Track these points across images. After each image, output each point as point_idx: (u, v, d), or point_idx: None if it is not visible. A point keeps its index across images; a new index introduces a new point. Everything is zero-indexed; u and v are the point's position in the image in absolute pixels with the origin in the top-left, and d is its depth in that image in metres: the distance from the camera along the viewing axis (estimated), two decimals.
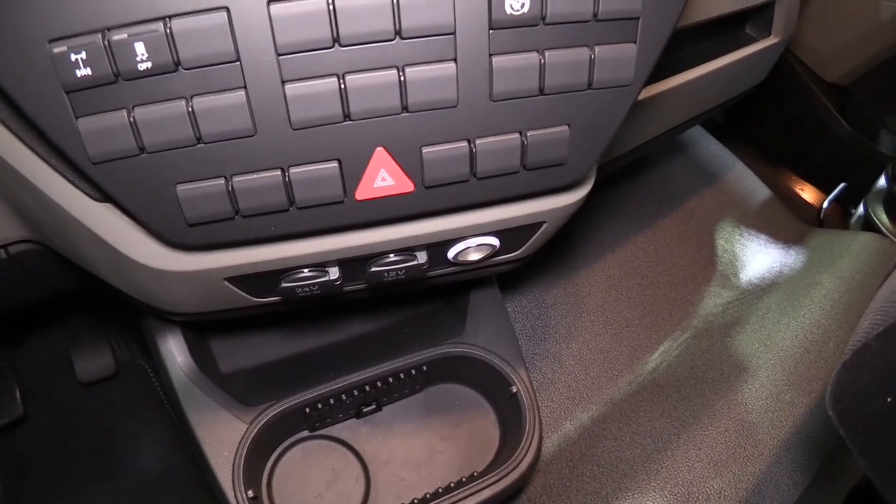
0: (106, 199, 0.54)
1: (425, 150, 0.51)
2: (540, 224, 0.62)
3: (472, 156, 0.52)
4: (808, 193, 1.47)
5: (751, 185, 1.26)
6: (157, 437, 1.02)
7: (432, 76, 0.47)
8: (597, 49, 0.50)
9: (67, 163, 0.51)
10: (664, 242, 1.09)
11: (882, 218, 1.15)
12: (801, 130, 1.47)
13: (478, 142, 0.51)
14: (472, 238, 0.61)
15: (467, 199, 0.55)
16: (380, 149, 0.50)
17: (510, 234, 0.62)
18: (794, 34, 0.96)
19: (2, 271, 0.69)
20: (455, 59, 0.48)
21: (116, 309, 1.06)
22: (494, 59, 0.48)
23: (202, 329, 0.87)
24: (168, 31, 0.43)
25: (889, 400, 0.45)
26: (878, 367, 0.45)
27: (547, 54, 0.49)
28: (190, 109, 0.46)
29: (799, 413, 0.85)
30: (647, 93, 0.78)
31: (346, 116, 0.48)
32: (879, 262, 0.99)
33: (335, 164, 0.50)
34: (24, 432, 1.05)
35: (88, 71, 0.44)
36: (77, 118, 0.46)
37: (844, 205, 1.37)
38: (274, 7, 0.43)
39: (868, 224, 1.18)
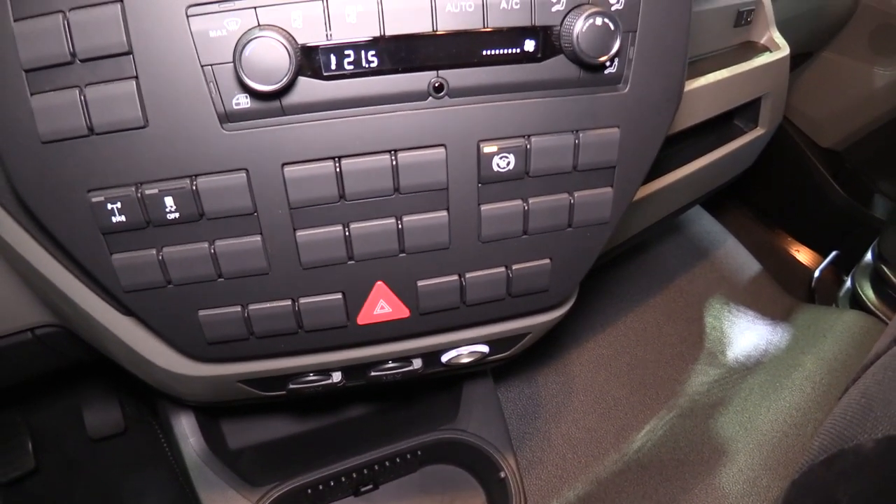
0: (133, 314, 0.60)
1: (420, 283, 0.57)
2: (526, 334, 0.68)
3: (463, 287, 0.58)
4: (803, 255, 1.52)
5: (742, 260, 1.31)
6: (163, 494, 1.07)
7: (427, 224, 0.53)
8: (576, 194, 0.56)
9: (102, 289, 0.57)
10: (654, 320, 1.14)
11: (868, 294, 1.19)
12: (795, 194, 1.53)
13: (467, 275, 0.57)
14: (464, 347, 0.66)
15: (458, 321, 0.61)
16: (379, 283, 0.56)
17: (499, 342, 0.68)
18: (788, 103, 1.02)
19: (27, 349, 0.75)
20: (447, 209, 0.54)
21: (128, 372, 1.12)
22: (483, 207, 0.54)
23: (213, 409, 0.92)
24: (194, 187, 0.49)
25: None
26: (820, 493, 0.49)
27: (531, 201, 0.55)
28: (212, 251, 0.52)
29: (774, 497, 0.89)
30: (640, 193, 0.84)
31: (350, 258, 0.54)
32: (862, 341, 1.03)
33: (339, 295, 0.56)
34: (35, 484, 1.10)
35: (123, 218, 0.50)
36: (112, 255, 0.52)
37: (838, 270, 1.41)
38: (288, 169, 0.50)
39: (855, 298, 1.22)
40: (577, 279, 0.62)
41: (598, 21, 0.48)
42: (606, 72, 0.52)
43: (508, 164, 0.53)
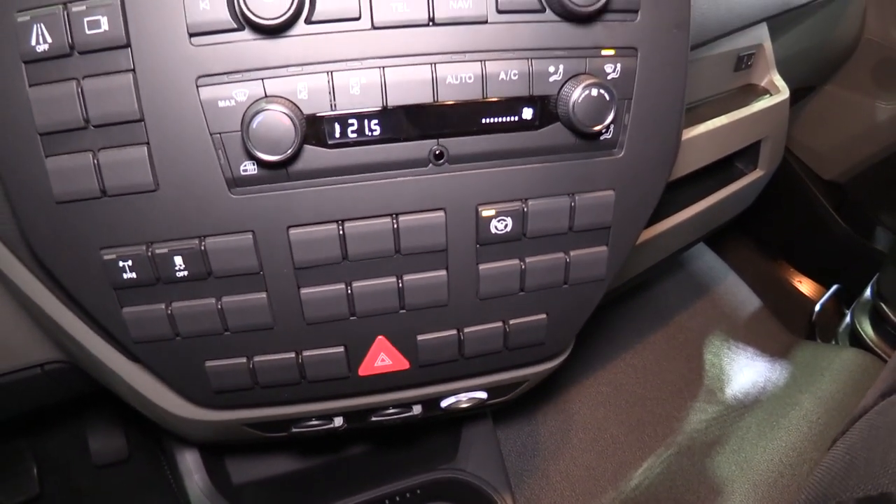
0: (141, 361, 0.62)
1: (420, 337, 0.58)
2: (523, 382, 0.69)
3: (461, 341, 0.59)
4: (805, 286, 1.53)
5: (742, 296, 1.33)
6: None
7: (427, 283, 0.55)
8: (572, 253, 0.57)
9: (112, 340, 0.59)
10: (654, 358, 1.15)
11: (867, 330, 1.20)
12: (798, 225, 1.53)
13: (466, 330, 0.59)
14: (463, 394, 0.68)
15: (456, 372, 0.62)
16: (380, 337, 0.58)
17: (497, 389, 0.69)
18: (790, 135, 1.03)
19: (36, 383, 0.77)
20: (447, 268, 0.55)
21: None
22: (481, 266, 0.56)
23: (217, 446, 0.94)
24: (203, 247, 0.51)
25: None
26: None
27: (527, 260, 0.57)
28: (219, 307, 0.54)
29: None
30: (640, 238, 0.85)
31: (352, 314, 0.55)
32: (860, 380, 1.04)
33: (341, 349, 0.57)
34: None
35: (133, 275, 0.52)
36: (122, 308, 0.54)
37: (839, 304, 1.42)
38: (293, 232, 0.51)
39: (854, 335, 1.23)
40: (573, 332, 0.63)
41: (594, 92, 0.50)
42: (602, 138, 0.54)
43: (506, 226, 0.54)
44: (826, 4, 1.12)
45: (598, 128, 0.50)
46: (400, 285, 0.55)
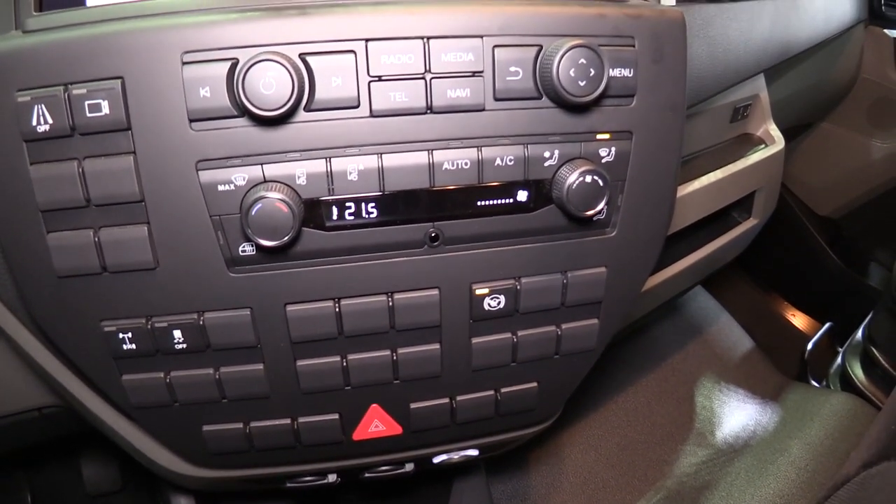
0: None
1: (413, 405, 0.59)
2: (514, 440, 0.70)
3: (453, 409, 0.60)
4: (798, 320, 1.54)
5: (735, 337, 1.34)
6: None
7: (420, 356, 0.56)
8: (563, 326, 0.58)
9: (112, 405, 0.60)
10: (645, 400, 1.16)
11: (858, 374, 1.21)
12: (792, 260, 1.54)
13: (458, 398, 0.60)
14: (454, 452, 0.69)
15: (448, 436, 0.63)
16: (374, 405, 0.59)
17: (487, 447, 0.70)
18: (786, 171, 1.04)
19: (33, 424, 0.78)
20: (440, 342, 0.56)
21: None
22: (474, 340, 0.57)
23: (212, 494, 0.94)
24: (201, 322, 0.52)
25: None
26: None
27: (520, 334, 0.57)
28: (217, 377, 0.55)
29: None
30: None
31: (347, 384, 0.56)
32: (849, 426, 1.05)
33: (336, 416, 0.58)
34: None
35: (133, 346, 0.53)
36: (122, 375, 0.55)
37: (832, 341, 1.42)
38: (290, 308, 0.52)
39: (845, 377, 1.24)
40: (563, 398, 0.64)
41: (589, 178, 0.50)
42: (595, 218, 0.55)
43: (499, 303, 0.55)
44: (823, 46, 1.13)
45: (591, 213, 0.51)
46: (394, 358, 0.56)
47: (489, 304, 0.55)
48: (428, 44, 0.47)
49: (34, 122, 0.46)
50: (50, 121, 0.46)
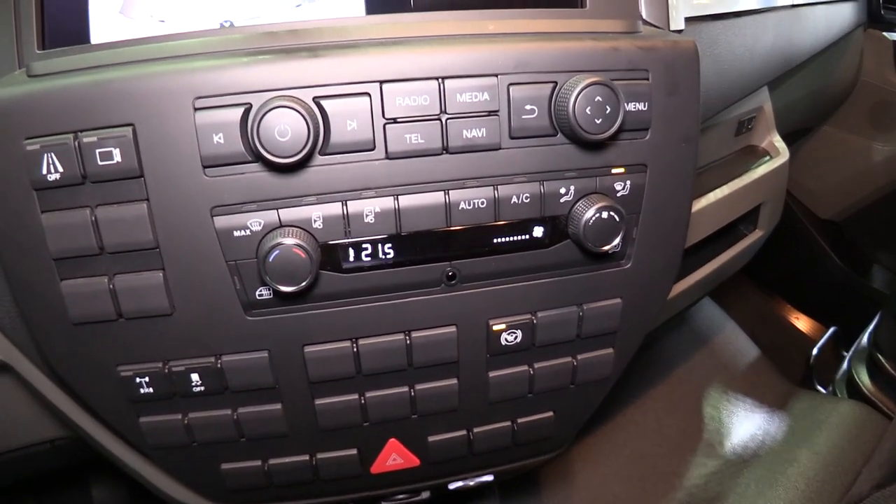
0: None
1: (430, 438, 0.59)
2: (529, 466, 0.70)
3: (471, 441, 0.60)
4: (803, 323, 1.54)
5: (740, 345, 1.34)
6: None
7: (438, 392, 0.56)
8: (579, 357, 0.58)
9: (129, 445, 0.60)
10: (654, 413, 1.17)
11: (864, 380, 1.21)
12: (795, 264, 1.54)
13: (475, 430, 0.60)
14: (470, 479, 0.69)
15: (465, 466, 0.63)
16: (392, 440, 0.59)
17: (502, 473, 0.70)
18: (788, 175, 1.04)
19: (46, 455, 0.77)
20: (457, 377, 0.56)
21: None
22: (491, 374, 0.57)
23: None
24: (219, 365, 0.52)
25: None
26: None
27: (536, 366, 0.57)
28: (235, 418, 0.54)
29: None
30: None
31: (365, 421, 0.56)
32: (858, 434, 1.06)
33: (354, 451, 0.58)
34: None
35: (151, 390, 0.53)
36: (140, 418, 0.54)
37: (837, 345, 1.43)
38: (308, 350, 0.52)
39: (851, 383, 1.25)
40: (577, 427, 0.64)
41: (605, 214, 0.50)
42: (610, 252, 0.54)
43: (516, 338, 0.55)
44: (823, 52, 1.13)
45: (607, 248, 0.51)
46: (412, 394, 0.56)
47: (506, 339, 0.55)
48: (443, 84, 0.47)
49: (44, 171, 0.46)
50: (60, 169, 0.46)
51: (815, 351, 1.39)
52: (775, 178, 0.95)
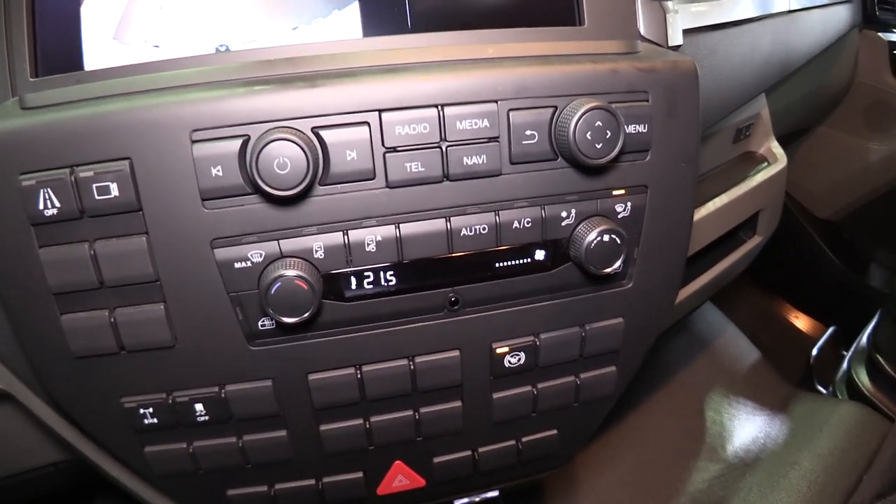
0: None
1: (436, 459, 0.59)
2: (533, 481, 0.70)
3: (475, 460, 0.60)
4: (802, 322, 1.55)
5: (741, 348, 1.34)
6: None
7: (443, 414, 0.56)
8: (582, 376, 0.58)
9: (135, 473, 0.60)
10: (656, 419, 1.17)
11: (864, 380, 1.21)
12: (793, 264, 1.55)
13: (480, 450, 0.60)
14: (476, 496, 0.69)
15: (470, 485, 0.63)
16: (398, 462, 0.59)
17: (507, 488, 0.70)
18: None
19: (49, 477, 0.77)
20: (462, 399, 0.56)
21: None
22: (495, 395, 0.57)
23: None
24: (223, 394, 0.52)
25: None
26: None
27: (539, 386, 0.57)
28: (240, 445, 0.54)
29: None
30: None
31: (371, 445, 0.56)
32: (858, 436, 1.06)
33: (360, 474, 0.58)
34: None
35: (155, 420, 0.53)
36: (144, 447, 0.54)
37: (837, 345, 1.43)
38: (312, 377, 0.52)
39: (851, 384, 1.25)
40: (581, 444, 0.64)
41: (607, 238, 0.50)
42: (612, 273, 0.54)
43: (519, 360, 0.55)
44: (819, 54, 1.13)
45: (609, 270, 0.51)
46: (417, 417, 0.56)
47: (509, 361, 0.55)
48: (442, 111, 0.47)
49: (41, 207, 0.45)
50: (57, 204, 0.45)
51: (814, 351, 1.39)
52: (774, 184, 0.95)
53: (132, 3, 0.51)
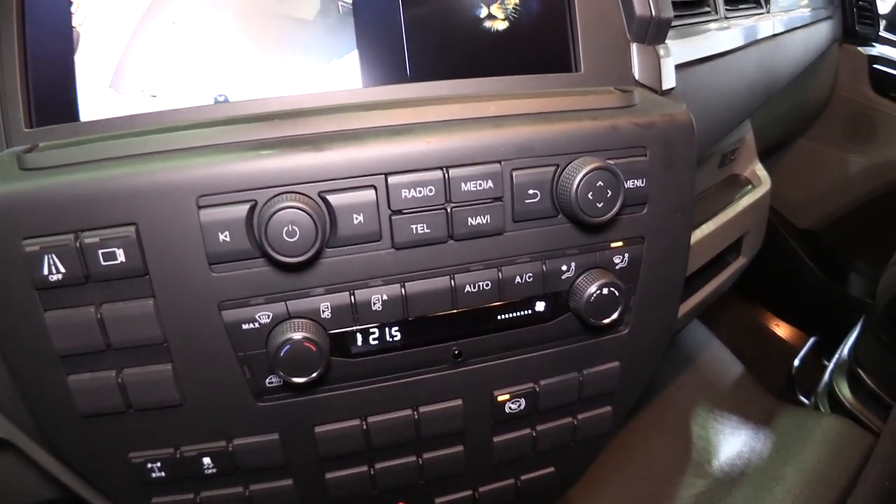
0: None
1: (438, 500, 0.61)
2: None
3: (476, 499, 0.62)
4: (783, 330, 1.59)
5: (725, 362, 1.38)
6: None
7: (445, 459, 0.57)
8: (579, 416, 0.60)
9: None
10: (644, 434, 1.20)
11: (845, 393, 1.25)
12: (775, 274, 1.59)
13: (481, 489, 0.61)
14: None
15: None
16: (401, 503, 0.60)
17: None
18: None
19: None
20: (464, 444, 0.57)
21: None
22: (495, 439, 0.58)
23: None
24: (230, 449, 0.52)
25: None
26: None
27: (538, 428, 0.59)
28: (247, 494, 0.55)
29: None
30: None
31: (375, 490, 0.57)
32: (841, 450, 1.10)
33: None
34: None
35: (163, 474, 0.53)
36: (152, 498, 0.55)
37: (818, 354, 1.47)
38: (318, 430, 0.53)
39: (832, 396, 1.29)
40: (578, 476, 0.66)
41: (606, 291, 0.52)
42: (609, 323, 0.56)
43: (520, 406, 0.56)
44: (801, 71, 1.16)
45: (607, 321, 0.53)
46: (420, 462, 0.57)
47: (510, 408, 0.56)
48: (447, 173, 0.48)
49: (45, 272, 0.45)
50: (62, 270, 0.45)
51: (796, 362, 1.43)
52: (758, 208, 0.98)
53: (128, 52, 0.51)
